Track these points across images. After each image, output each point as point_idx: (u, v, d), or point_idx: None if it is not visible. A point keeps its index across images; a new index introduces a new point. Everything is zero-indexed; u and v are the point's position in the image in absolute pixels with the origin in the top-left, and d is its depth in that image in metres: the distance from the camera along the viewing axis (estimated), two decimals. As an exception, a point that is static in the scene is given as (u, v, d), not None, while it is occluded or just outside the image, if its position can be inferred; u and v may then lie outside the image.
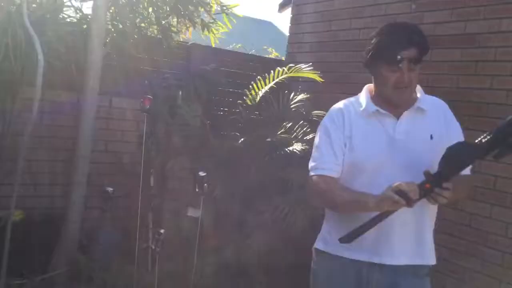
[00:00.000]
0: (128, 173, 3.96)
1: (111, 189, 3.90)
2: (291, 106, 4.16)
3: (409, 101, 1.85)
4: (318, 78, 4.02)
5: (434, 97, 1.95)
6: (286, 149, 3.68)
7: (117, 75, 3.91)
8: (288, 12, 6.60)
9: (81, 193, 3.73)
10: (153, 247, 3.76)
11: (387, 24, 1.87)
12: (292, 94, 4.28)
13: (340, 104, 1.96)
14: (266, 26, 20.99)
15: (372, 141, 1.83)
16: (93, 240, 3.87)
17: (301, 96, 4.23)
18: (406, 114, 1.84)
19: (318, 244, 2.02)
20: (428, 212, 1.85)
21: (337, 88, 4.33)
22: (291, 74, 4.05)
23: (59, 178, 3.98)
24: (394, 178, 1.66)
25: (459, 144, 1.66)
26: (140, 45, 4.07)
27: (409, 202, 1.59)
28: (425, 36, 1.79)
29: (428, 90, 3.55)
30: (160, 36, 4.29)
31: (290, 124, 3.96)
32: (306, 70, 4.03)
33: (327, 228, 2.00)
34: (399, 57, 1.72)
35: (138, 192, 3.85)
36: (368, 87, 1.94)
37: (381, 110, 1.84)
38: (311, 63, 4.15)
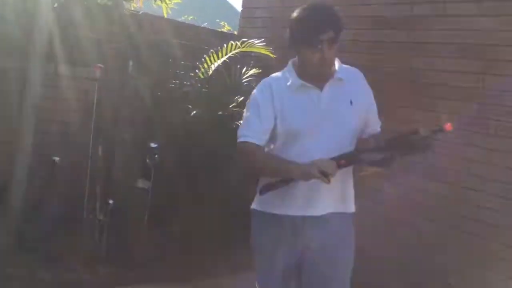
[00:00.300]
0: (76, 142, 3.89)
1: (58, 158, 3.84)
2: (243, 81, 4.20)
3: (329, 73, 2.06)
4: (270, 54, 4.07)
5: (349, 67, 2.17)
6: (238, 123, 3.72)
7: (66, 42, 3.80)
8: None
9: (25, 162, 3.64)
10: (101, 217, 3.76)
11: (304, 8, 2.03)
12: (244, 69, 4.32)
13: (268, 79, 2.15)
14: (217, 0, 20.76)
15: (301, 111, 2.04)
16: (38, 210, 3.81)
17: (253, 71, 4.27)
18: (327, 85, 2.06)
19: (255, 205, 2.23)
20: (351, 170, 2.12)
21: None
22: (244, 49, 4.07)
23: (2, 146, 3.86)
24: (325, 141, 1.99)
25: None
26: (90, 12, 3.97)
27: (329, 179, 1.88)
28: (340, 18, 1.99)
29: (378, 71, 3.71)
30: (111, 3, 4.20)
31: (242, 98, 4.00)
32: (258, 46, 4.06)
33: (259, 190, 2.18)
34: (317, 40, 1.91)
35: (87, 162, 3.81)
36: (293, 62, 2.13)
37: (306, 84, 2.05)
38: (263, 39, 4.18)
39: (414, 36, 3.55)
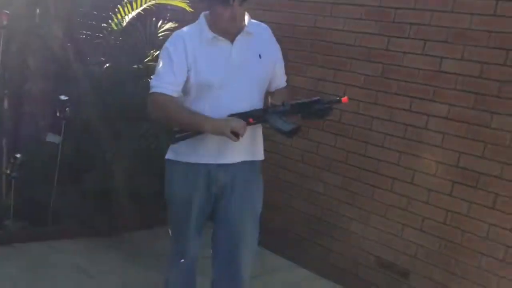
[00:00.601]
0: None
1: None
2: (159, 35, 4.14)
3: (240, 27, 2.16)
4: (187, 8, 4.03)
5: (259, 22, 2.29)
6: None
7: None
8: None
9: None
10: (8, 172, 3.63)
11: None
12: (160, 22, 4.25)
13: (181, 32, 2.22)
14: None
15: (214, 63, 2.13)
16: None
17: (169, 25, 4.21)
18: (238, 39, 2.16)
19: (169, 155, 2.31)
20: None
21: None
22: (160, 1, 4.00)
23: None
24: (237, 92, 2.12)
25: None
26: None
27: (238, 138, 2.06)
28: None
29: (290, 28, 3.79)
30: None
31: (158, 52, 3.94)
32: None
33: None
34: None
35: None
36: (205, 15, 2.20)
37: (218, 37, 2.14)
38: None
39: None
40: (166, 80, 2.13)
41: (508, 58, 2.87)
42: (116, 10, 3.99)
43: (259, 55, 2.21)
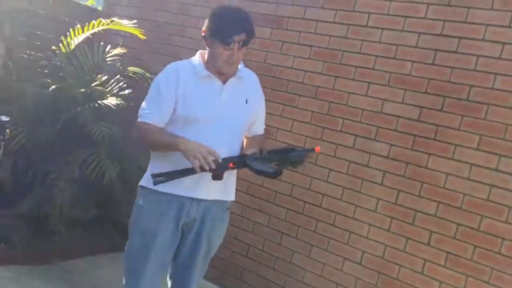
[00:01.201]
0: None
1: None
2: (107, 59, 4.10)
3: (233, 72, 2.27)
4: (141, 36, 4.03)
5: (249, 70, 2.41)
6: (100, 102, 3.65)
7: None
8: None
9: None
10: None
11: (221, 8, 2.24)
12: (109, 47, 4.21)
13: (176, 65, 2.28)
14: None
15: (203, 99, 2.21)
16: None
17: (118, 50, 4.18)
18: (230, 81, 2.27)
19: (143, 182, 2.33)
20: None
21: (156, 48, 4.41)
22: (113, 27, 3.97)
23: None
24: (219, 130, 2.20)
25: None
26: None
27: (217, 177, 2.13)
28: (253, 24, 2.19)
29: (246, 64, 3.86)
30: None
31: (106, 77, 3.91)
32: (129, 26, 3.99)
33: (152, 168, 2.29)
34: (231, 40, 2.12)
35: None
36: (201, 53, 2.29)
37: (212, 75, 2.23)
38: (136, 21, 4.12)
39: (276, 35, 3.81)
40: (152, 112, 2.20)
41: (444, 104, 3.10)
42: (68, 33, 3.91)
43: (246, 100, 2.31)
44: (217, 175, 2.14)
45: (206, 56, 2.26)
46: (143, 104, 2.26)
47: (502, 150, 2.91)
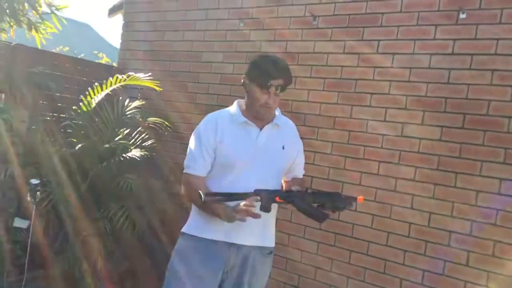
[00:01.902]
0: None
1: None
2: (127, 113, 4.20)
3: (270, 117, 2.35)
4: (156, 88, 4.14)
5: (286, 118, 2.49)
6: (125, 155, 3.72)
7: None
8: (114, 17, 6.60)
9: None
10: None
11: (261, 55, 2.42)
12: (127, 100, 4.32)
13: (215, 114, 2.38)
14: (84, 29, 20.13)
15: (240, 145, 2.29)
16: None
17: (136, 103, 4.29)
18: (266, 127, 2.35)
19: (184, 228, 2.38)
20: (275, 208, 2.32)
21: (172, 96, 4.52)
22: (130, 82, 4.09)
23: None
24: (256, 175, 2.24)
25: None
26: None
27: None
28: (290, 72, 2.30)
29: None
30: (-18, 34, 3.98)
31: (128, 130, 4.00)
32: (145, 79, 4.10)
33: (192, 215, 2.37)
34: (269, 84, 2.21)
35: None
36: (238, 102, 2.40)
37: (249, 122, 2.31)
38: (150, 73, 4.24)
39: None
40: (197, 161, 2.29)
41: (465, 121, 3.09)
42: (87, 92, 4.04)
43: (283, 146, 2.37)
44: (265, 207, 2.14)
45: (243, 104, 2.36)
46: (188, 154, 2.35)
47: (530, 161, 2.87)
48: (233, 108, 2.38)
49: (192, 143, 2.35)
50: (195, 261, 2.28)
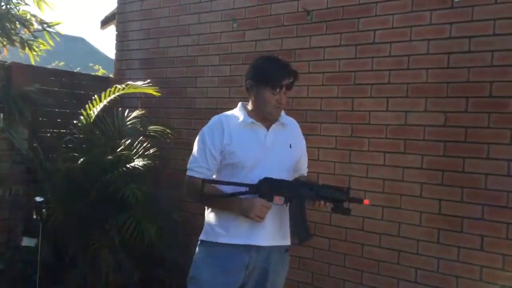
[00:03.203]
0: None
1: None
2: (127, 123, 4.18)
3: (279, 117, 2.35)
4: (155, 93, 4.12)
5: (290, 117, 2.48)
6: (128, 166, 3.70)
7: None
8: (107, 29, 6.59)
9: None
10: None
11: (261, 58, 2.38)
12: (127, 110, 4.30)
13: (220, 116, 2.37)
14: (79, 42, 20.16)
15: (248, 146, 2.28)
16: None
17: (136, 113, 4.27)
18: (273, 127, 2.35)
19: (201, 236, 2.36)
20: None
21: (171, 103, 4.50)
22: (129, 90, 4.07)
23: None
24: (266, 174, 2.21)
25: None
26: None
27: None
28: (296, 70, 2.32)
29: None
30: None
31: (129, 140, 3.98)
32: (143, 86, 4.08)
33: (208, 221, 2.36)
34: (280, 84, 2.23)
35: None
36: (242, 104, 2.39)
37: (255, 122, 2.31)
38: (149, 80, 4.23)
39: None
40: (198, 164, 2.28)
41: (468, 104, 3.05)
42: (87, 106, 4.02)
43: (290, 145, 2.37)
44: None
45: (248, 106, 2.36)
46: (191, 156, 2.34)
47: (537, 140, 2.84)
48: (237, 110, 2.38)
49: (196, 146, 2.34)
50: (217, 268, 2.26)
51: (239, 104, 2.41)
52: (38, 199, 3.52)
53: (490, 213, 2.96)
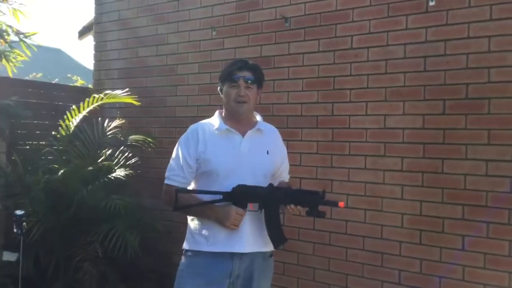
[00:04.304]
0: None
1: None
2: (108, 133, 4.14)
3: (251, 123, 2.35)
4: (135, 102, 4.10)
5: (269, 124, 2.48)
6: (110, 176, 3.67)
7: None
8: (85, 39, 6.53)
9: None
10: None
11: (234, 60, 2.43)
12: (107, 121, 4.27)
13: (196, 125, 2.38)
14: (56, 54, 19.93)
15: (222, 153, 2.27)
16: None
17: (116, 122, 4.24)
18: (249, 133, 2.33)
19: (184, 245, 2.36)
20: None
21: (152, 112, 4.48)
22: (108, 100, 4.04)
23: None
24: (241, 181, 2.21)
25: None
26: None
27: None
28: (259, 67, 2.36)
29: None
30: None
31: (110, 151, 3.95)
32: (123, 95, 4.06)
33: (189, 230, 2.35)
34: (235, 76, 2.26)
35: None
36: (219, 111, 2.40)
37: (231, 129, 2.30)
38: (127, 89, 4.21)
39: (266, 75, 3.85)
40: (175, 173, 2.30)
41: (445, 107, 3.11)
42: (65, 116, 3.98)
43: (267, 151, 2.34)
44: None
45: (223, 112, 2.37)
46: (168, 166, 2.35)
47: (514, 140, 2.89)
48: (214, 117, 2.39)
49: (173, 154, 2.35)
50: (200, 277, 2.25)
51: (216, 112, 2.41)
52: (18, 212, 3.45)
53: (470, 213, 3.01)
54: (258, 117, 2.41)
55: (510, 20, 2.92)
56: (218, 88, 2.36)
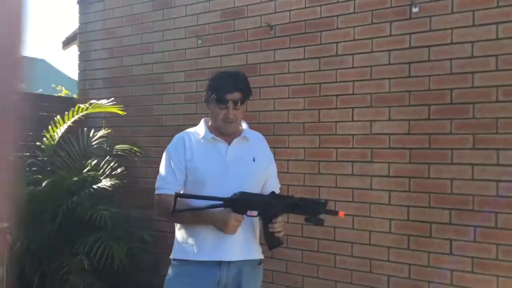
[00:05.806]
0: None
1: None
2: (93, 143, 4.10)
3: (237, 132, 2.33)
4: (120, 112, 4.06)
5: (255, 131, 2.44)
6: (95, 186, 3.63)
7: None
8: (69, 49, 6.50)
9: None
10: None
11: (219, 71, 2.34)
12: (93, 130, 4.23)
13: (182, 133, 2.35)
14: (40, 64, 19.79)
15: (209, 161, 2.25)
16: None
17: (102, 132, 4.21)
18: (235, 141, 2.31)
19: (172, 254, 2.32)
20: (254, 221, 2.30)
21: (138, 121, 4.45)
22: (93, 110, 4.00)
23: None
24: (227, 189, 2.17)
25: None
26: None
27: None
28: (248, 83, 2.28)
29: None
30: None
31: (96, 161, 3.91)
32: (107, 105, 4.03)
33: (176, 240, 2.32)
34: (225, 98, 2.20)
35: None
36: (205, 120, 2.38)
37: (216, 138, 2.28)
38: (113, 98, 4.18)
39: (251, 82, 3.85)
40: (167, 181, 2.26)
41: (430, 112, 3.13)
42: (50, 127, 3.93)
43: (253, 159, 2.32)
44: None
45: (209, 121, 2.35)
46: (159, 175, 2.31)
47: (499, 144, 2.92)
48: (200, 125, 2.37)
49: (162, 164, 2.32)
50: (188, 285, 2.22)
51: (202, 120, 2.39)
52: (3, 225, 3.40)
53: (457, 217, 3.02)
54: (244, 125, 2.39)
55: (493, 26, 2.96)
56: (204, 98, 2.31)
